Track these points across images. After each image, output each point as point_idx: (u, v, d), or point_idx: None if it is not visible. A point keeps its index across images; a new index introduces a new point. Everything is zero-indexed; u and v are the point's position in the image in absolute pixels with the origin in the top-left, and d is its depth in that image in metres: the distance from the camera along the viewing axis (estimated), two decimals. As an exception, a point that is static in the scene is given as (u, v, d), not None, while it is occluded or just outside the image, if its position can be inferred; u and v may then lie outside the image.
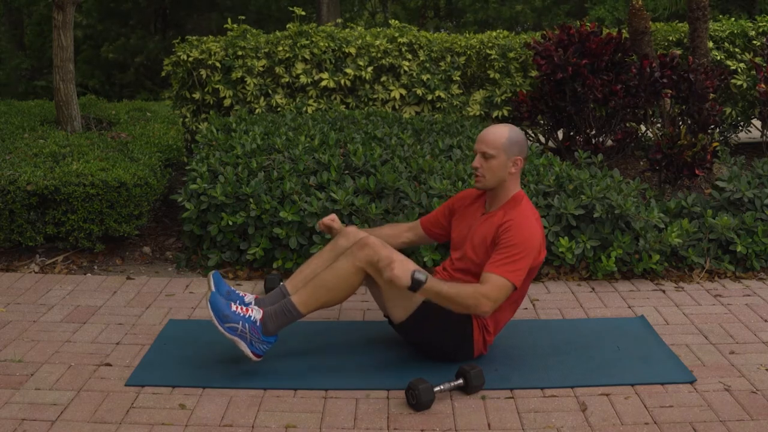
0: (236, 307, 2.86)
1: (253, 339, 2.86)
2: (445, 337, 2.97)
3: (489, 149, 2.93)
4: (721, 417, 2.62)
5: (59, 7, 5.50)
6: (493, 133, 2.95)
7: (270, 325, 2.88)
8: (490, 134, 2.95)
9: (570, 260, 4.04)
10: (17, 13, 18.70)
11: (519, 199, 2.99)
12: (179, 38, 6.32)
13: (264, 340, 2.88)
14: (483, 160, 2.95)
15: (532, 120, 6.03)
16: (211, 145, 4.74)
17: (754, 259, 4.19)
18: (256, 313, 2.88)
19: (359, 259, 2.87)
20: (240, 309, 2.87)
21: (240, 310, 2.86)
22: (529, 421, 2.62)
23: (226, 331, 2.82)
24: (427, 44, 6.18)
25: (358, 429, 2.57)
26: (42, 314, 3.60)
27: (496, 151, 2.92)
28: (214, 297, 2.84)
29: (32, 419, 2.60)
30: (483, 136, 2.96)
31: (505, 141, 2.93)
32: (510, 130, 2.96)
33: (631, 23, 6.10)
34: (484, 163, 2.95)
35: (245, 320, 2.84)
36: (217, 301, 2.83)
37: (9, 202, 4.22)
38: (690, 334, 3.37)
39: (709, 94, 5.61)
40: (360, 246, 2.89)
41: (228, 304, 2.85)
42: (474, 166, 2.96)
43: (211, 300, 2.83)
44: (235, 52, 5.93)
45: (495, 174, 2.95)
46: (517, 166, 2.97)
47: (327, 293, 2.91)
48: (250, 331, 2.84)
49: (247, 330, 2.84)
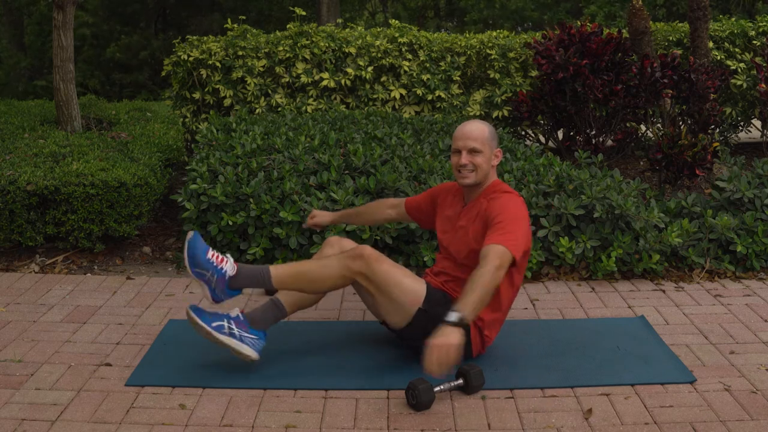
0: (212, 255, 2.84)
1: (217, 288, 2.84)
2: None
3: (477, 144, 2.96)
4: (721, 417, 2.62)
5: (59, 7, 5.50)
6: (477, 129, 2.99)
7: (239, 282, 2.86)
8: (474, 130, 2.98)
9: (570, 260, 4.04)
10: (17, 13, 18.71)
11: (497, 185, 3.04)
12: (179, 38, 6.32)
13: (229, 294, 2.87)
14: (471, 156, 2.97)
15: (532, 120, 6.03)
16: (211, 145, 4.74)
17: (754, 259, 4.19)
18: (229, 269, 2.85)
19: (350, 269, 2.85)
20: (215, 257, 2.84)
21: (214, 259, 2.84)
22: (529, 421, 2.62)
23: (194, 275, 2.83)
24: (427, 44, 6.18)
25: (358, 429, 2.57)
26: (42, 314, 3.60)
27: (482, 146, 2.97)
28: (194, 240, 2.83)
29: (32, 419, 2.59)
30: (467, 133, 2.98)
31: (488, 135, 3.00)
32: (487, 125, 3.03)
33: (631, 23, 6.10)
34: (472, 159, 2.97)
35: (216, 270, 2.83)
36: (195, 244, 2.82)
37: (9, 202, 4.23)
38: (690, 334, 3.37)
39: (710, 94, 5.62)
40: (354, 256, 2.85)
41: (205, 250, 2.83)
42: (463, 163, 2.97)
43: (190, 241, 2.83)
44: (236, 52, 5.93)
45: (482, 169, 2.99)
46: (497, 158, 3.04)
47: (307, 282, 2.89)
48: (217, 282, 2.84)
49: (215, 280, 2.83)
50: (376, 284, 2.85)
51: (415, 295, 2.88)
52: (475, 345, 3.01)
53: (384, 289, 2.86)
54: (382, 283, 2.84)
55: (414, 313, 2.89)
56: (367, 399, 2.77)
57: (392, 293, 2.86)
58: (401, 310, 2.90)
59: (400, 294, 2.86)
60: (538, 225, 4.16)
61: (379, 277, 2.83)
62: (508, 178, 4.30)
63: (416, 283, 2.91)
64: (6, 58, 17.97)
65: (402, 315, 2.91)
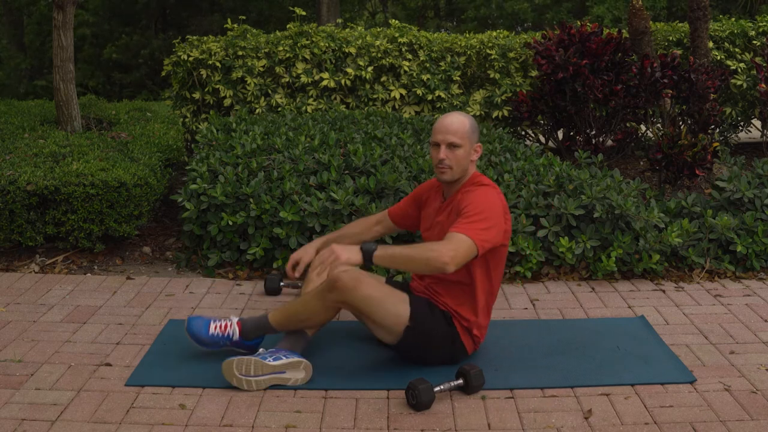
0: (215, 327, 3.01)
1: (236, 346, 3.05)
2: (436, 350, 2.98)
3: (456, 139, 2.88)
4: (721, 417, 2.62)
5: (59, 7, 5.50)
6: (457, 122, 2.89)
7: (249, 336, 3.03)
8: (453, 123, 2.89)
9: (570, 260, 4.04)
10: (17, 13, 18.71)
11: (475, 178, 2.97)
12: (179, 38, 6.32)
13: (248, 344, 3.05)
14: (449, 151, 2.89)
15: (532, 120, 6.03)
16: (211, 145, 4.74)
17: (754, 259, 4.19)
18: (234, 330, 3.01)
19: (330, 300, 2.84)
20: (217, 329, 3.01)
21: (218, 331, 3.01)
22: (529, 421, 2.62)
23: (212, 348, 3.05)
24: (427, 44, 6.18)
25: (358, 429, 2.57)
26: (42, 314, 3.60)
27: (462, 140, 2.88)
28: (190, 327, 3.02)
29: (32, 419, 2.59)
30: (447, 126, 2.89)
31: (468, 129, 2.91)
32: (469, 118, 2.93)
33: (631, 23, 6.10)
34: (451, 154, 2.89)
35: (225, 339, 3.02)
36: (193, 330, 3.02)
37: (9, 202, 4.22)
38: (690, 334, 3.37)
39: (710, 94, 5.61)
40: (329, 288, 2.82)
41: (207, 326, 3.01)
42: (440, 158, 2.89)
43: (188, 331, 3.02)
44: (236, 52, 5.93)
45: (461, 164, 2.91)
46: (477, 153, 2.96)
47: (300, 322, 2.96)
48: (232, 345, 3.04)
49: (229, 344, 3.03)
50: (357, 309, 2.85)
51: (398, 317, 2.86)
52: (467, 344, 3.02)
53: (366, 314, 2.85)
54: (363, 309, 2.83)
55: (402, 331, 2.89)
56: (367, 399, 2.77)
57: (374, 317, 2.85)
58: (389, 330, 2.91)
59: (384, 317, 2.85)
60: (538, 225, 4.16)
61: (358, 303, 2.81)
62: (508, 178, 4.30)
63: (398, 303, 2.87)
64: (6, 58, 17.97)
65: (391, 334, 2.93)
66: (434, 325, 2.93)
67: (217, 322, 3.01)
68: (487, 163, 4.54)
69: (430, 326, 2.92)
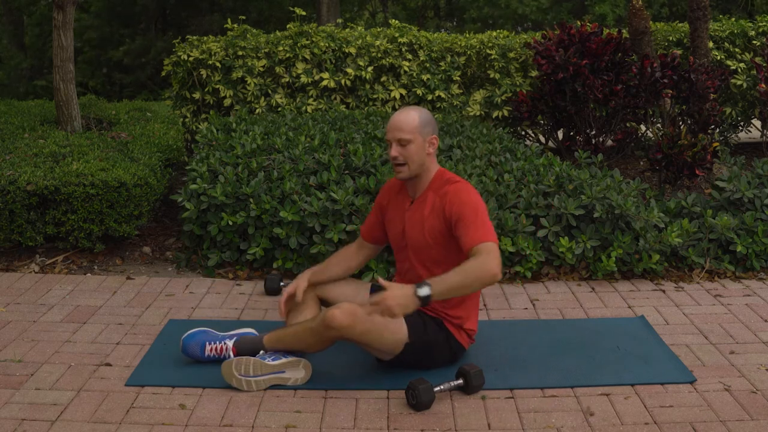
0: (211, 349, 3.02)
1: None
2: (434, 357, 2.98)
3: (404, 134, 2.85)
4: (721, 417, 2.62)
5: (59, 7, 5.50)
6: (405, 117, 2.87)
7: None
8: (401, 119, 2.87)
9: (570, 260, 4.04)
10: (17, 13, 18.70)
11: (442, 174, 2.95)
12: (179, 38, 6.32)
13: None
14: (400, 148, 2.87)
15: (532, 120, 6.03)
16: (211, 145, 4.74)
17: (754, 259, 4.19)
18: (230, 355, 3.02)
19: (327, 337, 2.80)
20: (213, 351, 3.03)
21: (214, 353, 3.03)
22: (529, 421, 2.62)
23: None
24: (427, 44, 6.18)
25: (358, 429, 2.57)
26: (42, 314, 3.60)
27: (411, 135, 2.85)
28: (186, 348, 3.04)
29: (32, 419, 2.60)
30: (395, 123, 2.87)
31: (417, 123, 2.87)
32: (419, 111, 2.90)
33: (631, 23, 6.10)
34: (403, 151, 2.86)
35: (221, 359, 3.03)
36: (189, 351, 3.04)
37: (9, 202, 4.23)
38: (690, 334, 3.37)
39: (710, 94, 5.61)
40: (325, 327, 2.76)
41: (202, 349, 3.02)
42: (392, 155, 2.87)
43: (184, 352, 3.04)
44: (236, 52, 5.93)
45: (415, 159, 2.87)
46: (433, 145, 2.92)
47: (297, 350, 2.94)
48: None
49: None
50: (356, 342, 2.82)
51: (397, 343, 2.86)
52: (462, 341, 3.02)
53: (365, 344, 2.84)
54: (362, 341, 2.81)
55: (402, 347, 2.89)
56: (367, 399, 2.78)
57: (375, 345, 2.84)
58: (389, 352, 2.90)
59: (383, 343, 2.84)
60: (538, 225, 4.16)
61: (357, 338, 2.78)
62: (508, 178, 4.30)
63: (396, 332, 2.84)
64: (6, 58, 17.96)
65: (391, 354, 2.92)
66: (431, 334, 2.93)
67: (213, 344, 3.02)
68: (487, 163, 4.55)
69: (428, 337, 2.92)
